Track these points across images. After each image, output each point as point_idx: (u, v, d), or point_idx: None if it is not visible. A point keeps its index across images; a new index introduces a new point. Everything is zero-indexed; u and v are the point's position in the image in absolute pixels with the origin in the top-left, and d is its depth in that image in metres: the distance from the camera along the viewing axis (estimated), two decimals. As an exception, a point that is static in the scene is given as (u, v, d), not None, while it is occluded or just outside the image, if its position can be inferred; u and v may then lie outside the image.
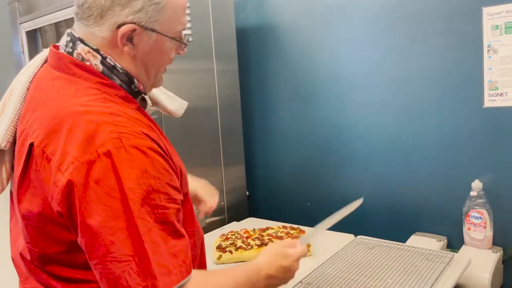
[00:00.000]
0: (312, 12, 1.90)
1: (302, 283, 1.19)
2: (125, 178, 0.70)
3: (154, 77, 0.91)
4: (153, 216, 0.72)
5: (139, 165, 0.72)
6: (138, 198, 0.70)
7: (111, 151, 0.70)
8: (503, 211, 1.52)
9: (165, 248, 0.72)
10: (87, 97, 0.78)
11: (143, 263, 0.70)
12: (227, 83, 1.91)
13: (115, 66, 0.83)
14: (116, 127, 0.73)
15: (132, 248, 0.70)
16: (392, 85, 1.72)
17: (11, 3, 2.00)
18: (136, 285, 0.69)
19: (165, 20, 0.83)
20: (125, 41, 0.82)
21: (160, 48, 0.86)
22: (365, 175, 1.83)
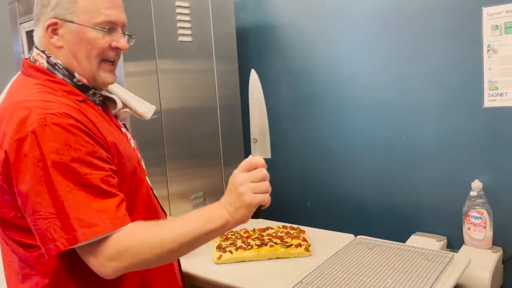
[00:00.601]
0: (312, 12, 1.90)
1: (302, 283, 1.19)
2: (47, 150, 0.84)
3: (90, 68, 1.00)
4: (75, 181, 0.85)
5: (60, 139, 0.85)
6: (59, 166, 0.84)
7: (36, 129, 0.84)
8: (503, 211, 1.52)
9: (88, 206, 0.85)
10: (30, 91, 0.93)
11: (65, 220, 0.83)
12: (227, 83, 1.91)
13: (56, 63, 0.98)
14: (44, 109, 0.87)
15: (55, 208, 0.84)
16: (392, 85, 1.72)
17: (11, 3, 2.00)
18: (59, 237, 0.83)
19: (81, 12, 0.96)
20: (51, 34, 0.97)
21: (82, 38, 0.97)
22: (365, 175, 1.83)
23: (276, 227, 1.63)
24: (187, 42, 1.74)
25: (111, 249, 0.85)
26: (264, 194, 0.89)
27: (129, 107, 1.17)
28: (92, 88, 1.02)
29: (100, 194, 0.87)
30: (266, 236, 1.54)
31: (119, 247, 0.85)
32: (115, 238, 0.86)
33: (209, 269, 1.36)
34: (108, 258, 0.85)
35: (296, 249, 1.41)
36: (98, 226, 0.84)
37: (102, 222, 0.85)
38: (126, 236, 0.87)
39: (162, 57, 1.65)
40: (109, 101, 1.12)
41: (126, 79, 1.53)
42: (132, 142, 1.14)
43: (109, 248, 0.85)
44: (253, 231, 1.61)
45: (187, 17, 1.73)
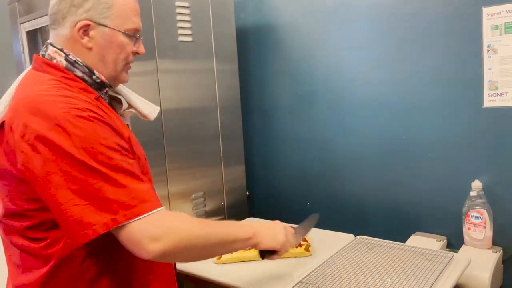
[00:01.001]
0: (312, 12, 1.90)
1: (302, 283, 1.19)
2: (77, 140, 0.85)
3: (115, 70, 1.04)
4: (109, 167, 0.86)
5: (87, 129, 0.87)
6: (90, 154, 0.85)
7: (62, 121, 0.85)
8: (503, 211, 1.52)
9: (126, 188, 0.86)
10: (47, 86, 0.94)
11: (103, 203, 0.84)
12: (227, 83, 1.91)
13: (76, 61, 0.99)
14: (66, 103, 0.88)
15: (90, 194, 0.84)
16: (392, 85, 1.72)
17: (11, 3, 2.00)
18: (99, 220, 0.83)
19: (114, 17, 1.00)
20: (82, 35, 0.99)
21: (113, 41, 1.01)
22: (365, 175, 1.83)
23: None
24: (187, 42, 1.74)
25: (155, 228, 0.86)
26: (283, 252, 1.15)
27: (134, 108, 1.18)
28: (106, 87, 1.05)
29: (134, 177, 0.89)
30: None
31: (164, 225, 0.87)
32: (157, 217, 0.87)
33: (209, 269, 1.36)
34: (151, 238, 0.85)
35: (296, 249, 1.41)
36: (135, 208, 0.86)
37: (140, 203, 0.86)
38: (170, 217, 0.91)
39: (162, 57, 1.65)
40: (115, 101, 1.14)
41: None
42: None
43: (152, 227, 0.86)
44: None
45: (187, 17, 1.73)
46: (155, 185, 1.64)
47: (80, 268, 0.93)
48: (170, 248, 0.87)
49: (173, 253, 0.89)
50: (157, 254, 0.86)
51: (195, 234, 0.93)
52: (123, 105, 1.13)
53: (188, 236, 0.91)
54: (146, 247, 0.85)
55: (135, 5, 1.06)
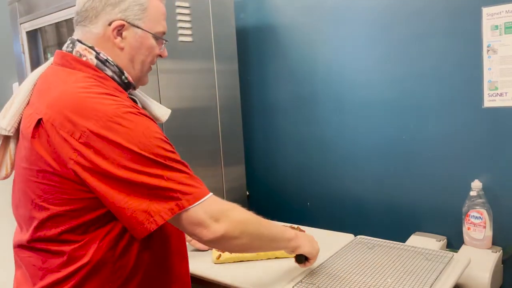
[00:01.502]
0: (312, 12, 1.91)
1: (302, 282, 1.20)
2: (132, 135, 0.87)
3: (141, 72, 1.07)
4: (166, 158, 0.90)
5: (141, 125, 0.89)
6: (148, 148, 0.88)
7: (114, 118, 0.86)
8: (503, 211, 1.52)
9: (183, 177, 0.91)
10: (86, 83, 0.94)
11: (165, 192, 0.88)
12: (227, 83, 1.91)
13: (107, 60, 1.00)
14: (115, 101, 0.90)
15: (152, 184, 0.87)
16: (392, 85, 1.72)
17: (11, 3, 2.00)
18: (162, 209, 0.87)
19: (148, 19, 1.02)
20: (115, 34, 1.00)
21: (144, 43, 1.03)
22: (365, 175, 1.83)
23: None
24: (187, 42, 1.74)
25: (216, 210, 0.93)
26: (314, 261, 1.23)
27: (147, 109, 1.18)
28: (131, 87, 1.08)
29: (185, 166, 0.94)
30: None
31: (223, 208, 0.95)
32: (215, 201, 0.95)
33: (208, 269, 1.36)
34: (214, 218, 0.92)
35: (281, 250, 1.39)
36: (198, 190, 0.92)
37: (199, 188, 0.93)
38: (224, 202, 0.98)
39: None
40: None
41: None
42: None
43: (213, 209, 0.93)
44: None
45: (187, 17, 1.73)
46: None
47: (112, 270, 0.94)
48: (230, 229, 0.94)
49: (231, 236, 0.95)
50: (218, 234, 0.92)
51: (251, 221, 1.01)
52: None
53: (245, 221, 0.99)
54: (210, 226, 0.92)
55: (165, 9, 1.09)
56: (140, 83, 1.11)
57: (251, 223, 1.01)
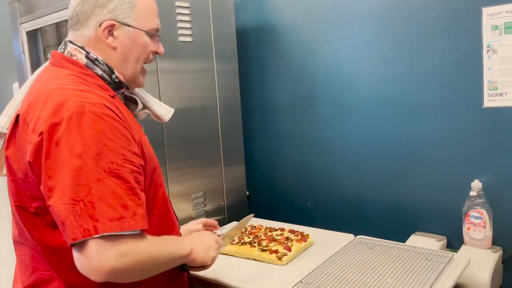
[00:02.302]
0: (312, 12, 1.91)
1: (302, 282, 1.20)
2: (83, 136, 0.84)
3: (135, 71, 1.06)
4: (107, 170, 0.84)
5: (96, 128, 0.86)
6: (92, 153, 0.84)
7: (74, 115, 0.85)
8: (503, 211, 1.52)
9: (115, 199, 0.84)
10: (65, 80, 0.95)
11: (88, 208, 0.82)
12: (227, 83, 1.91)
13: (97, 59, 1.00)
14: (82, 98, 0.88)
15: (80, 194, 0.82)
16: (392, 85, 1.72)
17: (12, 3, 2.00)
18: (78, 226, 0.81)
19: (138, 17, 1.03)
20: (107, 35, 1.01)
21: (136, 41, 1.03)
22: (365, 175, 1.83)
23: (287, 230, 1.60)
24: (187, 42, 1.74)
25: (121, 247, 0.83)
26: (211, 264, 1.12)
27: (148, 109, 1.18)
28: (123, 87, 1.06)
29: (128, 189, 0.86)
30: (264, 236, 1.54)
31: (120, 248, 0.84)
32: (127, 238, 0.85)
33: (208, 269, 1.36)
34: (113, 256, 0.82)
35: (269, 255, 1.38)
36: (119, 221, 0.83)
37: (123, 219, 0.84)
38: (136, 240, 0.87)
39: (162, 57, 1.65)
40: (129, 101, 1.14)
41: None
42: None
43: (118, 246, 0.83)
44: (265, 229, 1.61)
45: (187, 17, 1.73)
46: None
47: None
48: (125, 268, 0.85)
49: (124, 274, 0.86)
50: (108, 273, 0.83)
51: (153, 256, 0.92)
52: (138, 106, 1.14)
53: (143, 260, 0.89)
54: (101, 263, 0.82)
55: (156, 6, 1.08)
56: (135, 84, 1.10)
57: (153, 258, 0.92)
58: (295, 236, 1.51)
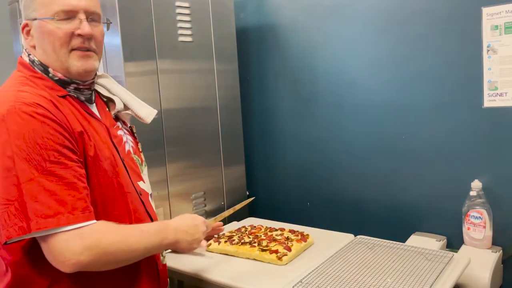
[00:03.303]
0: (312, 12, 1.91)
1: (302, 282, 1.20)
2: (13, 136, 0.86)
3: (59, 60, 1.00)
4: (40, 168, 0.86)
5: (28, 126, 0.87)
6: (23, 153, 0.85)
7: (5, 116, 0.87)
8: (503, 211, 1.52)
9: (49, 196, 0.85)
10: (12, 82, 0.98)
11: (21, 207, 0.84)
12: (227, 83, 1.91)
13: (33, 60, 1.02)
14: (16, 98, 0.90)
15: (13, 194, 0.84)
16: (392, 85, 1.72)
17: (11, 3, 2.00)
18: (13, 225, 0.84)
19: (39, 6, 0.99)
20: (26, 36, 1.02)
21: (43, 31, 0.99)
22: (365, 175, 1.83)
23: (287, 230, 1.60)
24: (187, 42, 1.74)
25: (74, 243, 0.85)
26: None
27: (130, 109, 1.17)
28: (71, 83, 1.02)
29: (64, 185, 0.87)
30: (264, 236, 1.54)
31: (84, 242, 0.86)
32: (78, 233, 0.86)
33: (207, 269, 1.36)
34: (69, 251, 0.85)
35: (269, 255, 1.38)
36: (54, 218, 0.84)
37: (58, 214, 0.85)
38: (93, 233, 0.88)
39: (162, 57, 1.65)
40: (111, 102, 1.14)
41: (126, 79, 1.53)
42: (129, 145, 1.14)
43: (71, 241, 0.85)
44: (265, 229, 1.61)
45: (187, 17, 1.73)
46: (156, 185, 1.65)
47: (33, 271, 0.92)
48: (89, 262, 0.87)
49: (93, 265, 0.89)
50: (72, 267, 0.86)
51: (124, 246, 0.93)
52: (116, 106, 1.13)
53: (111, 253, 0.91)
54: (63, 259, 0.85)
55: None
56: (73, 71, 1.01)
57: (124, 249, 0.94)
58: (295, 236, 1.51)
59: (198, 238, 1.13)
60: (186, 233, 1.09)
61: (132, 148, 1.15)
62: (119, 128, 1.13)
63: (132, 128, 1.22)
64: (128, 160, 1.10)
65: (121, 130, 1.13)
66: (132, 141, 1.17)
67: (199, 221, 1.15)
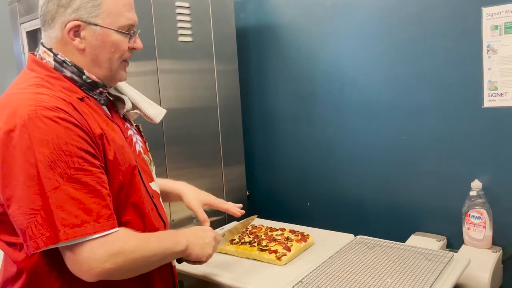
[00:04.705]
0: (312, 12, 1.91)
1: (302, 282, 1.20)
2: (37, 143, 0.83)
3: (110, 70, 1.01)
4: (65, 176, 0.84)
5: (50, 132, 0.84)
6: (47, 160, 0.83)
7: (27, 121, 0.83)
8: (503, 211, 1.52)
9: (75, 205, 0.83)
10: (27, 84, 0.93)
11: (48, 216, 0.82)
12: (227, 83, 1.91)
13: (64, 61, 0.97)
14: (36, 102, 0.86)
15: (39, 203, 0.82)
16: (392, 85, 1.72)
17: (12, 3, 2.00)
18: (40, 235, 0.82)
19: (106, 14, 0.96)
20: (73, 36, 0.96)
21: (106, 40, 0.97)
22: (365, 175, 1.83)
23: (287, 230, 1.60)
24: (187, 42, 1.74)
25: (99, 251, 0.84)
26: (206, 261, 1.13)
27: (139, 109, 1.16)
28: (100, 86, 1.02)
29: (89, 192, 0.86)
30: (264, 236, 1.54)
31: (108, 250, 0.85)
32: (103, 241, 0.85)
33: (208, 269, 1.36)
34: (94, 260, 0.84)
35: (268, 255, 1.38)
36: (81, 227, 0.83)
37: (84, 223, 0.83)
38: (116, 240, 0.87)
39: (162, 57, 1.65)
40: (119, 101, 1.12)
41: (127, 79, 1.53)
42: (139, 146, 1.13)
43: (96, 250, 0.84)
44: (266, 229, 1.61)
45: (187, 17, 1.73)
46: (155, 185, 1.63)
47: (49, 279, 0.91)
48: (113, 271, 0.86)
49: (117, 274, 0.88)
50: (97, 277, 0.85)
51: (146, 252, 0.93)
52: (125, 105, 1.11)
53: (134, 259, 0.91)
54: (87, 268, 0.84)
55: (127, 0, 1.01)
56: (116, 81, 1.05)
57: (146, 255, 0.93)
58: (296, 236, 1.51)
59: (210, 243, 1.11)
60: (197, 237, 1.09)
61: (142, 148, 1.15)
62: (129, 128, 1.12)
63: (139, 127, 1.21)
64: (139, 161, 1.09)
65: (130, 130, 1.12)
66: (141, 140, 1.16)
67: (207, 228, 1.16)
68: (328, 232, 1.62)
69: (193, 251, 1.06)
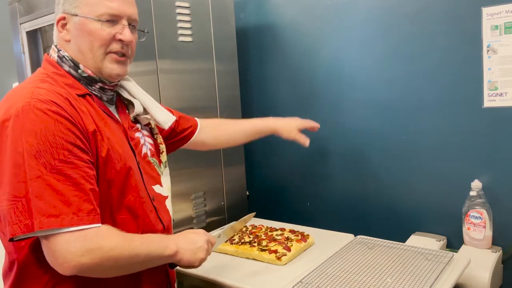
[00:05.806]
0: (312, 12, 1.91)
1: (302, 283, 1.20)
2: (26, 133, 0.86)
3: (94, 60, 1.02)
4: (48, 167, 0.85)
5: (39, 123, 0.87)
6: (33, 149, 0.85)
7: (20, 112, 0.87)
8: (503, 211, 1.52)
9: (55, 195, 0.85)
10: (33, 79, 0.98)
11: (27, 204, 0.84)
12: (227, 83, 1.91)
13: (63, 56, 1.02)
14: (32, 95, 0.90)
15: (21, 191, 0.84)
16: (392, 85, 1.72)
17: (12, 3, 2.00)
18: (18, 222, 0.84)
19: (84, 4, 1.00)
20: (61, 29, 1.03)
21: (83, 29, 1.01)
22: (365, 175, 1.83)
23: (287, 230, 1.60)
24: (187, 42, 1.74)
25: (76, 244, 0.85)
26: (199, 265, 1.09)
27: (150, 114, 1.17)
28: (99, 82, 1.04)
29: (72, 185, 0.87)
30: (264, 236, 1.54)
31: (85, 244, 0.85)
32: (80, 235, 0.85)
33: (208, 269, 1.36)
34: (69, 253, 0.84)
35: (268, 255, 1.38)
36: (58, 218, 0.84)
37: (62, 215, 0.84)
38: (96, 236, 0.87)
39: (162, 57, 1.65)
40: (131, 105, 1.14)
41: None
42: (146, 148, 1.13)
43: (72, 243, 0.84)
44: (266, 229, 1.61)
45: (187, 17, 1.73)
46: (155, 185, 1.63)
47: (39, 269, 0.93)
48: (90, 266, 0.86)
49: (93, 270, 0.88)
50: (71, 270, 0.85)
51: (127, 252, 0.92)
52: (135, 109, 1.13)
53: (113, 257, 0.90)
54: (62, 261, 0.85)
55: None
56: (106, 72, 1.03)
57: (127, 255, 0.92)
58: (296, 236, 1.51)
59: (202, 247, 1.08)
60: (188, 242, 1.06)
61: (150, 150, 1.15)
62: (137, 130, 1.13)
63: (152, 130, 1.21)
64: (143, 164, 1.10)
65: (139, 132, 1.13)
66: (151, 143, 1.17)
67: (200, 231, 1.12)
68: (328, 232, 1.62)
69: (184, 256, 1.04)
